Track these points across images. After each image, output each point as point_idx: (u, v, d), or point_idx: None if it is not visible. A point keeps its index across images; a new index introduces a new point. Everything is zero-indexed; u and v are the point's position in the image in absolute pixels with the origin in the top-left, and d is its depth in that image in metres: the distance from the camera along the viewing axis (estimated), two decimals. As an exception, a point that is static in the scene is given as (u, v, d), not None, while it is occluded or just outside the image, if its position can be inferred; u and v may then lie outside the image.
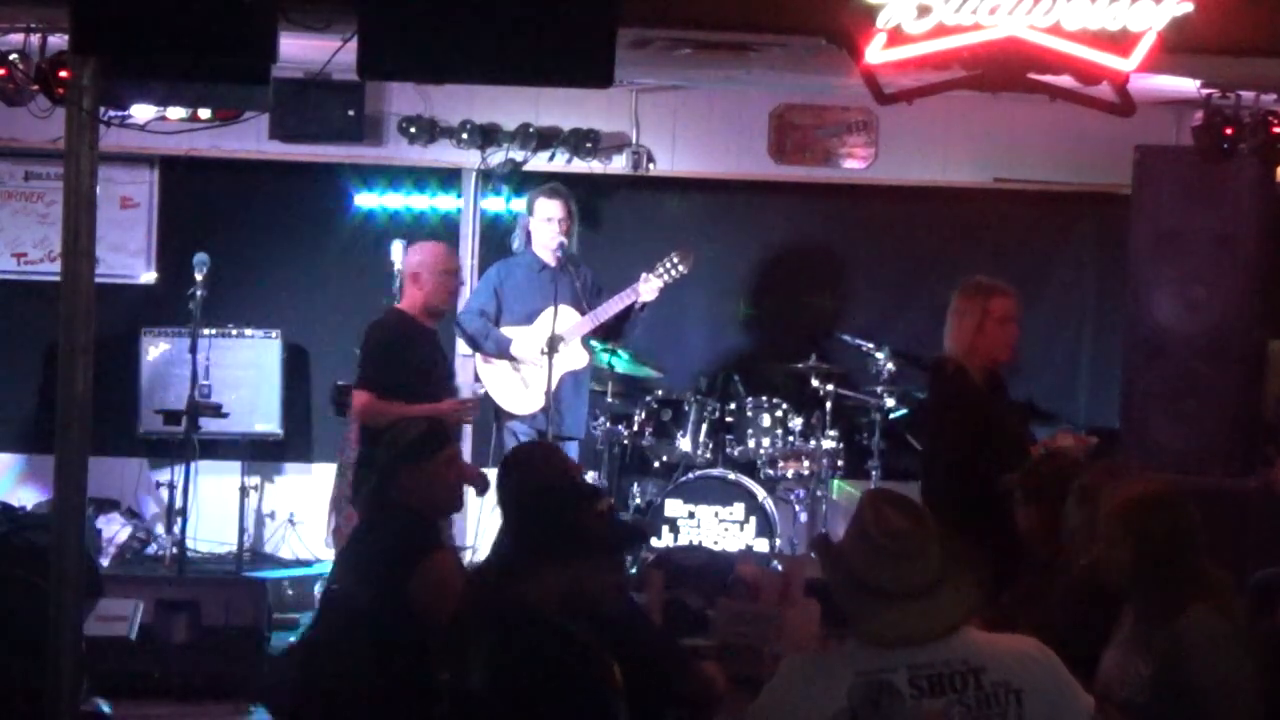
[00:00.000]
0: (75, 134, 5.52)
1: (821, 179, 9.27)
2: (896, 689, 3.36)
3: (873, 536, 3.43)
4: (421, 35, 5.32)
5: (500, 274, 8.28)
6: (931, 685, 3.37)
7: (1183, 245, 8.10)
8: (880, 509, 3.47)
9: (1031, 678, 3.43)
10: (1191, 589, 3.98)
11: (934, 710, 3.35)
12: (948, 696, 3.36)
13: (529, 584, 3.81)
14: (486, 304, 8.21)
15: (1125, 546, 4.04)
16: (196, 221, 9.10)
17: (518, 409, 8.14)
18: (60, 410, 5.52)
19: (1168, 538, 4.02)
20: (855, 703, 3.36)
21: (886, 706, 3.35)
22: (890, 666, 3.38)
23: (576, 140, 8.95)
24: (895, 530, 3.43)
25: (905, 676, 3.37)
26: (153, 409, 8.69)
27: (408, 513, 4.79)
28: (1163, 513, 4.07)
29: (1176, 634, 3.92)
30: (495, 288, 8.23)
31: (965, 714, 3.36)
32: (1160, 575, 3.99)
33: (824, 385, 8.66)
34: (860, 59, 5.98)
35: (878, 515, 3.45)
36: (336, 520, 8.13)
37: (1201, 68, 6.94)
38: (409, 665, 4.42)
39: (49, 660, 5.43)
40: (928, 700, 3.35)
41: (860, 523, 3.48)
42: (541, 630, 3.74)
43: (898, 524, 3.43)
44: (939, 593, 3.41)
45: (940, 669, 3.38)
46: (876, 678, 3.37)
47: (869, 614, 3.43)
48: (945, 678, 3.37)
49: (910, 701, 3.35)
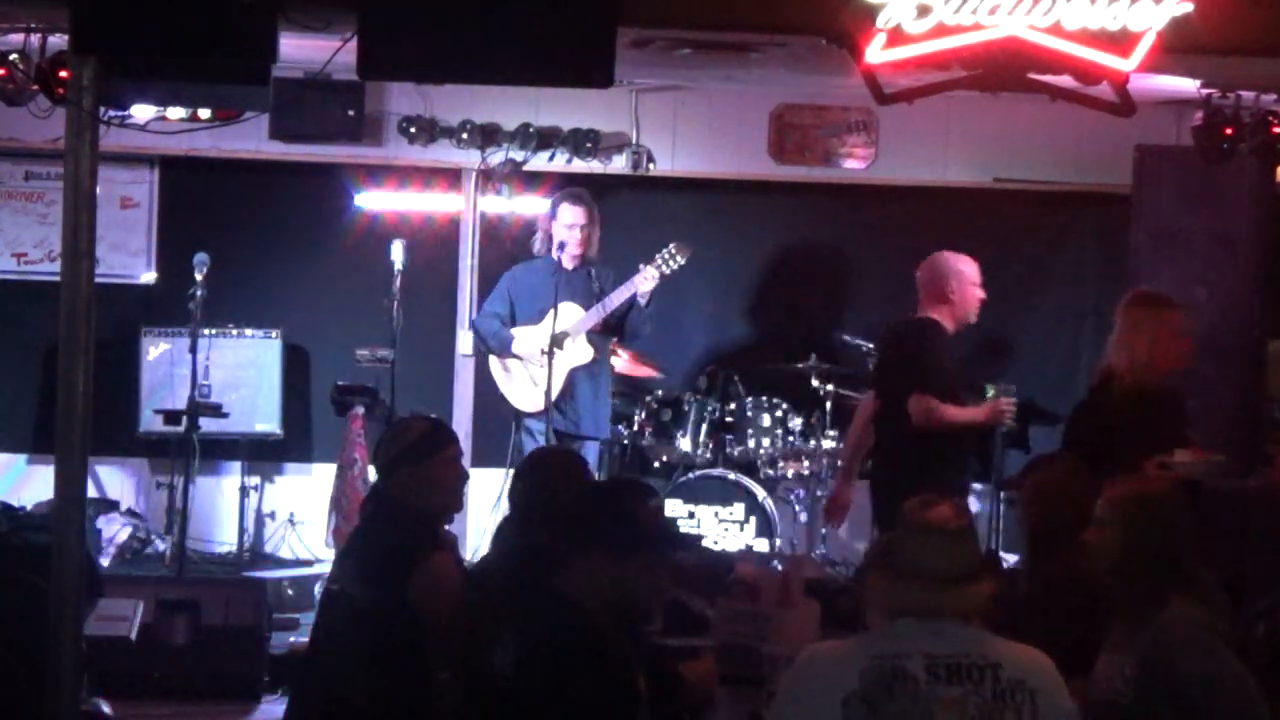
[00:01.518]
0: (75, 134, 5.53)
1: (821, 179, 9.26)
2: (910, 674, 3.41)
3: (924, 519, 3.55)
4: (421, 35, 5.33)
5: (513, 279, 8.29)
6: (949, 674, 3.42)
7: (1183, 245, 8.11)
8: (929, 501, 3.59)
9: (1043, 680, 3.49)
10: (1174, 587, 3.99)
11: (950, 697, 3.40)
12: (965, 687, 3.41)
13: (573, 575, 3.81)
14: (500, 309, 8.24)
15: (1115, 537, 4.06)
16: (196, 221, 9.09)
17: (528, 406, 8.15)
18: (60, 410, 5.53)
19: (1157, 534, 4.05)
20: (866, 684, 3.41)
21: (899, 690, 3.40)
22: (906, 653, 3.43)
23: (576, 140, 8.95)
24: (935, 515, 3.54)
25: (922, 664, 3.42)
26: (153, 409, 8.69)
27: (408, 513, 4.79)
28: (1155, 509, 4.10)
29: (1158, 630, 3.93)
30: (509, 294, 8.24)
31: (981, 706, 3.40)
32: (1145, 570, 4.01)
33: (824, 385, 8.66)
34: (860, 59, 5.97)
35: (927, 504, 3.57)
36: (336, 520, 8.14)
37: (1201, 68, 6.94)
38: (409, 665, 4.42)
39: (49, 660, 5.43)
40: (944, 687, 3.40)
41: (906, 511, 3.60)
42: (578, 621, 3.74)
43: (938, 511, 3.55)
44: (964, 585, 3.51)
45: (959, 660, 3.43)
46: (890, 662, 3.42)
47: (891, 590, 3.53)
48: (964, 668, 3.42)
49: (925, 687, 3.40)
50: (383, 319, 8.28)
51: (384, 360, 8.25)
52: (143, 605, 6.92)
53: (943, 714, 3.39)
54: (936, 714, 3.39)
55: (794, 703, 3.52)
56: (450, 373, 9.13)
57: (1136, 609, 4.01)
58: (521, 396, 8.17)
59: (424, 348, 8.97)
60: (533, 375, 8.12)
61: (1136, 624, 4.00)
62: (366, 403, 8.25)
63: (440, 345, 9.10)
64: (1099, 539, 4.10)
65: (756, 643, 4.82)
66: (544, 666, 3.69)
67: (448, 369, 9.14)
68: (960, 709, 3.40)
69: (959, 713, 3.39)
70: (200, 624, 7.13)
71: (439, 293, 9.10)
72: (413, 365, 8.62)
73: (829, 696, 3.43)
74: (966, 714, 3.39)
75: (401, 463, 4.78)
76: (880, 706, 3.40)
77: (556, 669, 3.68)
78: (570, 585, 3.80)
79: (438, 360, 9.13)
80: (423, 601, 4.51)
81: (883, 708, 3.40)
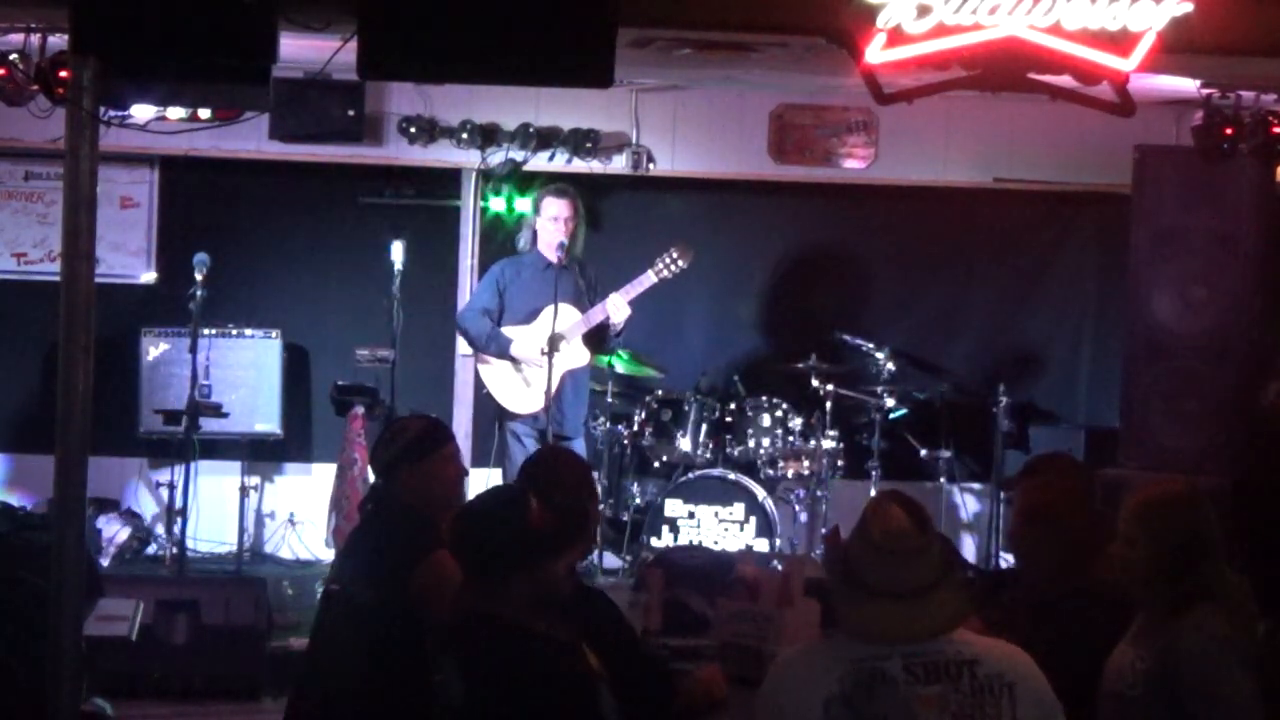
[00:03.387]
0: (75, 134, 5.53)
1: (821, 179, 9.27)
2: (890, 676, 3.41)
3: (871, 535, 3.49)
4: (421, 35, 5.33)
5: (505, 272, 8.27)
6: (927, 673, 3.43)
7: (1183, 245, 8.11)
8: (884, 508, 3.52)
9: (1020, 673, 3.49)
10: (1200, 591, 3.99)
11: (929, 696, 3.41)
12: (943, 684, 3.42)
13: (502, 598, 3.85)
14: (489, 303, 8.21)
15: (1140, 545, 4.05)
16: (196, 221, 9.10)
17: (520, 408, 8.14)
18: (60, 410, 5.53)
19: (1181, 538, 4.03)
20: (848, 687, 3.41)
21: (879, 692, 3.41)
22: (884, 655, 3.44)
23: (576, 140, 8.95)
24: (894, 531, 3.47)
25: (900, 664, 3.43)
26: (153, 409, 8.68)
27: (408, 512, 4.80)
28: (1178, 513, 4.09)
29: (1176, 632, 3.93)
30: (499, 286, 8.22)
31: (961, 701, 3.42)
32: (1170, 575, 4.00)
33: (824, 385, 8.65)
34: (860, 59, 5.97)
35: (880, 514, 3.51)
36: (336, 520, 8.13)
37: (1201, 68, 6.94)
38: (409, 665, 4.42)
39: (49, 660, 5.43)
40: (922, 687, 3.41)
41: (863, 520, 3.53)
42: (510, 639, 3.78)
43: (898, 525, 3.48)
44: (929, 597, 3.46)
45: (935, 658, 3.44)
46: (870, 665, 3.43)
47: (856, 609, 3.49)
48: (940, 666, 3.44)
49: (904, 688, 3.41)
50: (383, 319, 8.30)
51: (384, 360, 8.26)
52: (142, 605, 6.92)
53: (924, 712, 3.41)
54: (918, 712, 3.41)
55: (774, 708, 3.52)
56: (450, 373, 9.14)
57: (1161, 612, 4.01)
58: (513, 398, 8.15)
59: (424, 348, 8.98)
60: (526, 377, 8.10)
61: (1156, 622, 4.00)
62: (366, 403, 8.24)
63: (440, 345, 9.10)
64: (1123, 552, 4.09)
65: (756, 643, 4.81)
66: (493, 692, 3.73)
67: (448, 369, 9.14)
68: (941, 705, 3.41)
69: (940, 709, 3.41)
70: (200, 624, 7.13)
71: (439, 293, 9.10)
72: (413, 365, 8.63)
73: (809, 700, 3.43)
74: (948, 710, 3.41)
75: (402, 461, 4.80)
76: (862, 709, 3.41)
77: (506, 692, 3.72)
78: (501, 608, 3.84)
79: (438, 360, 9.13)
80: (423, 599, 4.51)
81: (865, 709, 3.41)
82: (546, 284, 7.99)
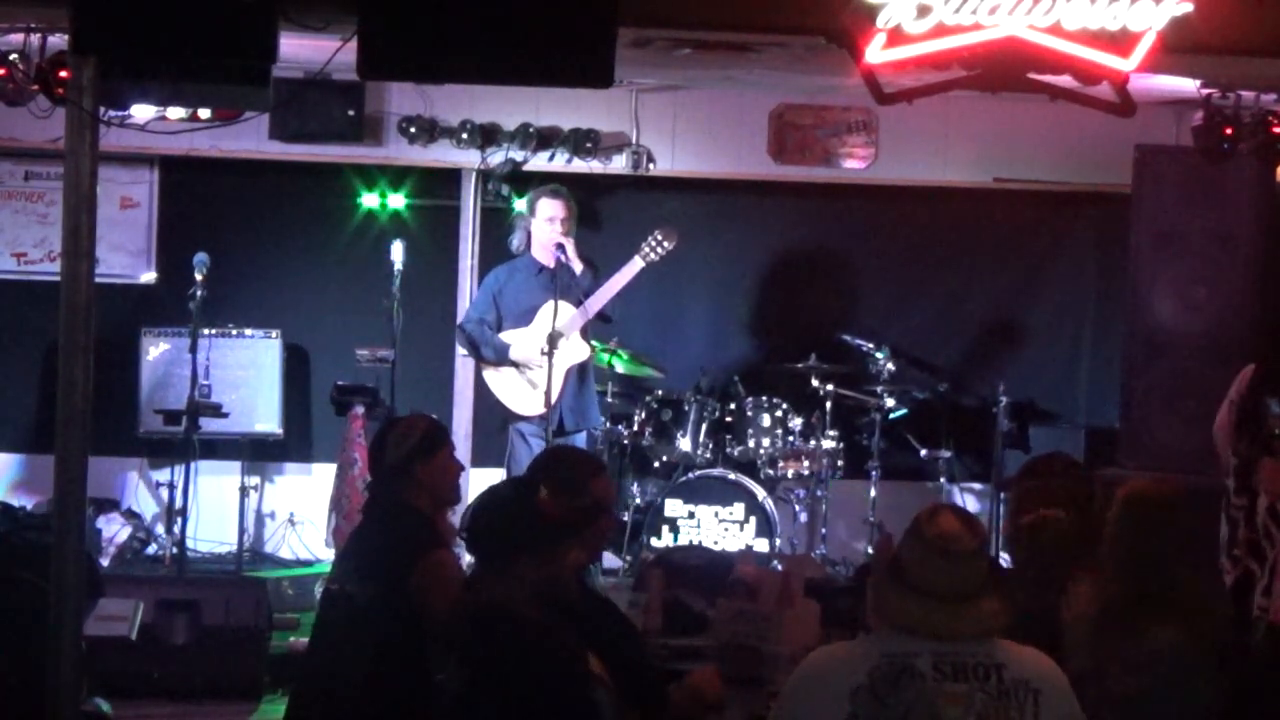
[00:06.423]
0: (75, 134, 5.52)
1: (821, 179, 9.26)
2: (919, 671, 3.49)
3: (925, 535, 3.57)
4: (421, 35, 5.33)
5: (498, 280, 8.29)
6: (955, 671, 3.50)
7: (1183, 245, 8.11)
8: (939, 513, 3.62)
9: (1047, 681, 3.56)
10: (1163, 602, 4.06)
11: (955, 693, 3.48)
12: (969, 684, 3.49)
13: (505, 587, 3.87)
14: (486, 312, 8.22)
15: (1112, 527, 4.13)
16: (196, 221, 9.10)
17: (527, 411, 8.12)
18: (60, 410, 5.52)
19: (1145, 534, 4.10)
20: (875, 679, 3.49)
21: (905, 684, 3.48)
22: (916, 651, 3.52)
23: (576, 140, 8.95)
24: (948, 533, 3.56)
25: (930, 661, 3.50)
26: (153, 409, 8.68)
27: (409, 511, 4.81)
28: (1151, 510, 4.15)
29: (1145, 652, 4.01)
30: (494, 295, 8.23)
31: (987, 701, 3.49)
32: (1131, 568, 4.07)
33: (824, 385, 8.66)
34: (860, 59, 5.97)
35: (935, 518, 3.60)
36: (336, 520, 8.13)
37: (1201, 68, 6.94)
38: (409, 664, 4.42)
39: (49, 660, 5.43)
40: (949, 684, 3.49)
41: (916, 523, 3.62)
42: (514, 627, 3.80)
43: (951, 529, 3.57)
44: (974, 602, 3.54)
45: (965, 659, 3.52)
46: (901, 659, 3.51)
47: (901, 602, 3.56)
48: (969, 666, 3.51)
49: (931, 683, 3.48)
50: (383, 319, 8.29)
51: (384, 360, 8.26)
52: (142, 605, 6.92)
53: (948, 708, 3.47)
54: (942, 707, 3.47)
55: (802, 695, 3.58)
56: (450, 373, 9.13)
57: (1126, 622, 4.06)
58: (519, 401, 8.14)
59: (424, 348, 8.98)
60: (530, 379, 8.10)
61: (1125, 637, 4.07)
62: (366, 403, 8.25)
63: (440, 345, 9.10)
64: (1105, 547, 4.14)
65: (756, 643, 4.82)
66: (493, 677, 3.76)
67: (448, 369, 9.14)
68: (966, 703, 3.48)
69: (965, 706, 3.48)
70: (200, 624, 7.13)
71: (439, 293, 9.10)
72: (413, 365, 8.63)
73: (837, 690, 3.50)
74: (973, 708, 3.48)
75: (417, 457, 4.84)
76: (887, 699, 3.48)
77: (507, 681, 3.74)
78: (504, 597, 3.86)
79: (438, 360, 9.13)
80: (423, 597, 4.52)
81: (890, 700, 3.48)
82: (540, 286, 8.00)
